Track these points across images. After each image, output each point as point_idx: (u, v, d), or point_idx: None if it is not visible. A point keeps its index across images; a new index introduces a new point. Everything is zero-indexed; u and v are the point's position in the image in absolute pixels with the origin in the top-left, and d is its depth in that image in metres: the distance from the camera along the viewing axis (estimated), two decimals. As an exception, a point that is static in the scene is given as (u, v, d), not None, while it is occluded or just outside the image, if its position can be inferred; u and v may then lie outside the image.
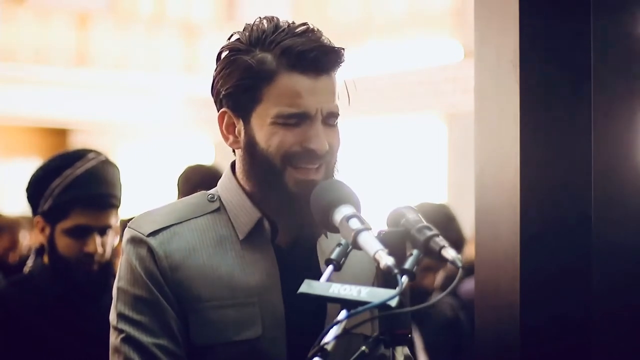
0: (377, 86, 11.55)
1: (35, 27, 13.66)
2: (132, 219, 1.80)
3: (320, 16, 12.63)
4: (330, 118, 1.71)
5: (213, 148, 14.46)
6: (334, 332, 1.41)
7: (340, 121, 1.75)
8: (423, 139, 12.13)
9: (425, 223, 1.53)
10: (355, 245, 1.52)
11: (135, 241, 1.71)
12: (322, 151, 1.69)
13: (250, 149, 1.71)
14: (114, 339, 1.70)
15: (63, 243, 2.66)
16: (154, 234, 1.70)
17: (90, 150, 2.75)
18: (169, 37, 14.46)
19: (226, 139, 1.76)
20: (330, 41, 1.72)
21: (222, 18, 15.09)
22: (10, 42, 13.47)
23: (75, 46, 13.88)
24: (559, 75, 2.12)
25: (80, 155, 2.71)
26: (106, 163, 2.73)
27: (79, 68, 13.73)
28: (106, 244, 2.68)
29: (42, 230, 2.70)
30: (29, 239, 5.96)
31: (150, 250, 1.69)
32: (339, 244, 1.55)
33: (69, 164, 2.67)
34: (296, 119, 1.68)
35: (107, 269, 2.69)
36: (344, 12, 13.09)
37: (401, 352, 1.53)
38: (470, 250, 3.52)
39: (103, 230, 2.67)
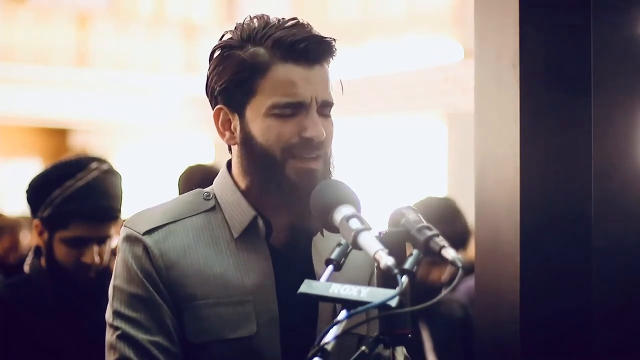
0: (377, 86, 11.54)
1: (35, 27, 13.66)
2: (132, 218, 1.80)
3: (320, 16, 12.62)
4: (324, 107, 1.72)
5: (213, 148, 14.45)
6: (333, 332, 1.42)
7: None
8: (423, 139, 12.13)
9: (425, 223, 1.54)
10: (355, 245, 1.52)
11: (130, 239, 1.72)
12: (320, 138, 1.69)
13: (247, 144, 1.72)
14: (109, 336, 1.71)
15: (61, 251, 2.66)
16: (149, 232, 1.71)
17: (93, 159, 2.73)
18: (169, 37, 14.46)
19: (222, 135, 1.77)
20: (320, 34, 1.73)
21: (222, 18, 15.08)
22: (10, 42, 13.46)
23: (75, 46, 13.87)
24: (559, 76, 2.12)
25: (82, 165, 2.70)
26: (108, 173, 2.71)
27: (79, 68, 13.73)
28: (104, 252, 2.68)
29: (41, 234, 2.70)
30: (29, 239, 5.96)
31: (146, 248, 1.70)
32: (339, 244, 1.55)
33: (70, 175, 2.66)
34: (292, 109, 1.69)
35: (105, 274, 2.69)
36: (344, 12, 13.08)
37: (401, 352, 1.53)
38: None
39: (102, 240, 2.67)
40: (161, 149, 15.61)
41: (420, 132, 12.18)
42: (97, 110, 14.04)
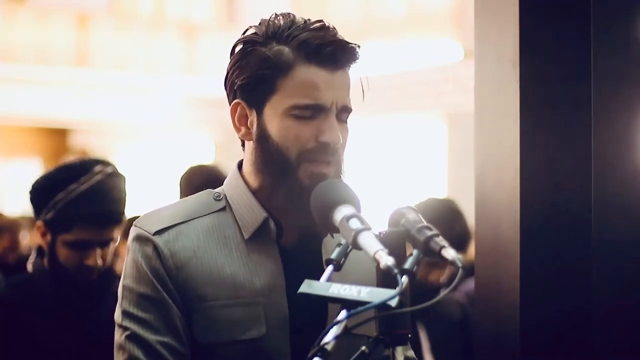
0: (377, 86, 11.51)
1: (35, 27, 13.66)
2: (135, 217, 1.79)
3: (320, 16, 12.56)
4: (343, 113, 1.73)
5: (213, 148, 14.46)
6: (334, 332, 1.41)
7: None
8: (423, 139, 12.13)
9: (425, 223, 1.53)
10: (355, 245, 1.52)
11: (141, 239, 1.71)
12: (337, 144, 1.70)
13: (263, 141, 1.72)
14: (118, 336, 1.70)
15: (64, 253, 2.66)
16: (159, 232, 1.71)
17: (97, 162, 2.73)
18: (169, 38, 14.46)
19: (238, 130, 1.76)
20: (345, 39, 1.74)
21: (222, 18, 15.08)
22: (10, 42, 13.46)
23: (75, 46, 13.87)
24: (559, 75, 2.12)
25: (86, 168, 2.69)
26: (112, 176, 2.70)
27: (79, 68, 13.73)
28: (107, 255, 2.68)
29: (43, 235, 2.70)
30: (29, 239, 5.97)
31: (156, 248, 1.70)
32: (339, 244, 1.55)
33: (74, 178, 2.66)
34: (311, 111, 1.69)
35: (107, 275, 2.69)
36: (344, 12, 13.08)
37: (401, 352, 1.53)
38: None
39: (105, 243, 2.67)
40: (161, 149, 15.62)
41: (420, 132, 12.18)
42: (97, 110, 14.04)
